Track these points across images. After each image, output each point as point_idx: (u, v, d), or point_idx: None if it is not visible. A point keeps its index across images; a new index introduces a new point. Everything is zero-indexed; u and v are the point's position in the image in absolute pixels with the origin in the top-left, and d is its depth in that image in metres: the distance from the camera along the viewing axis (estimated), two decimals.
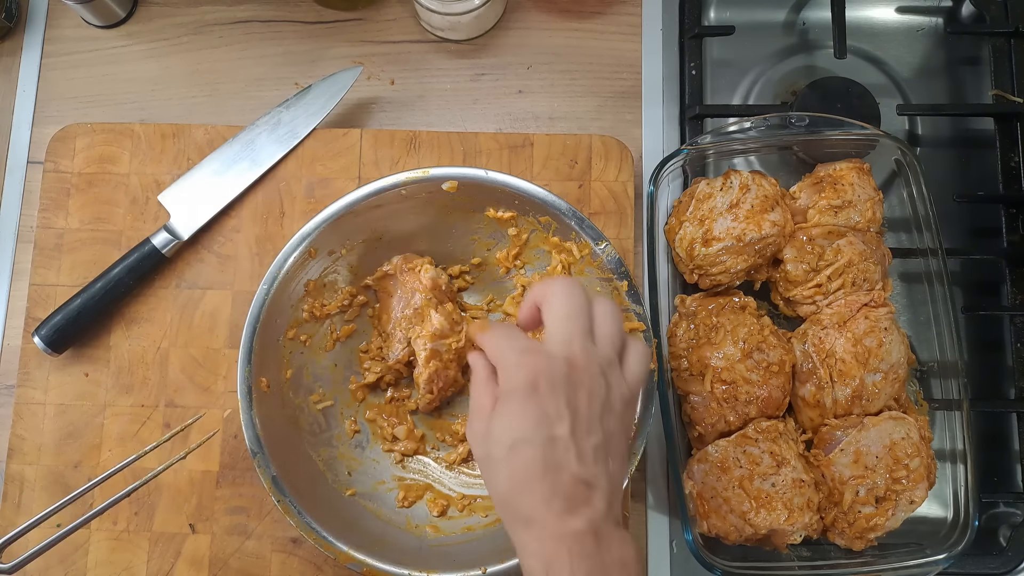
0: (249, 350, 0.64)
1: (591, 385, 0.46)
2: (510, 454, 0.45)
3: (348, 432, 0.70)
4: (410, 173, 0.66)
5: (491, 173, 0.66)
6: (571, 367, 0.46)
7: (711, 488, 0.63)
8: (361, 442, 0.70)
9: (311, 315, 0.68)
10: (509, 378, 0.46)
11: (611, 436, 0.46)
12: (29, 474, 0.69)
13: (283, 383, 0.67)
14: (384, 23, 0.80)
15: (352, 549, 0.62)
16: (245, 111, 0.78)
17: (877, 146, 0.71)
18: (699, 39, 0.78)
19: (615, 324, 0.49)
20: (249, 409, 0.63)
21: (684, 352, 0.67)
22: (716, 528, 0.63)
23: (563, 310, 0.48)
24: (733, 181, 0.68)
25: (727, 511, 0.62)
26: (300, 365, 0.68)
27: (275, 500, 0.62)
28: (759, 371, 0.65)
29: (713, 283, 0.68)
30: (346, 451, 0.69)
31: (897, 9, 0.82)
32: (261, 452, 0.63)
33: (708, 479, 0.63)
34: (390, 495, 0.68)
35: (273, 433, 0.64)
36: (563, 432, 0.45)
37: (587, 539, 0.44)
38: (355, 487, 0.67)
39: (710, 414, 0.65)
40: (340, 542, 0.62)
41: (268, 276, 0.65)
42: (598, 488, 0.45)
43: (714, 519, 0.63)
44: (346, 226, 0.67)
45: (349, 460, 0.69)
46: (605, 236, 0.65)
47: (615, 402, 0.47)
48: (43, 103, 0.79)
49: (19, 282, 0.75)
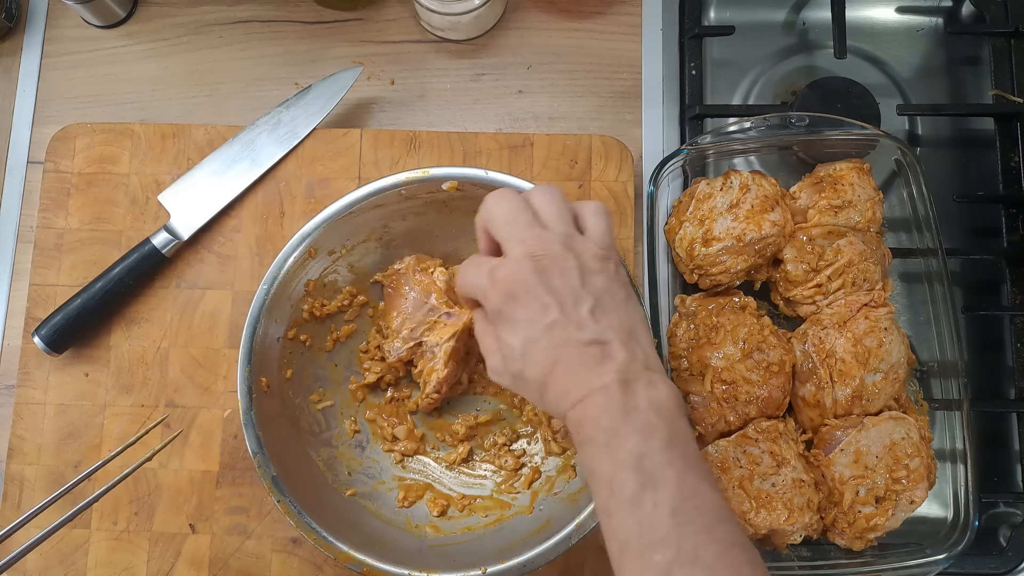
0: (249, 350, 0.64)
1: (559, 263, 0.49)
2: (524, 360, 0.49)
3: (348, 432, 0.70)
4: (410, 173, 0.66)
5: (491, 173, 0.66)
6: (533, 260, 0.49)
7: None
8: (361, 442, 0.70)
9: (311, 315, 0.68)
10: (489, 300, 0.50)
11: (601, 294, 0.49)
12: (29, 474, 0.70)
13: (283, 383, 0.67)
14: (384, 23, 0.80)
15: (352, 549, 0.62)
16: (245, 111, 0.78)
17: (877, 146, 0.71)
18: (699, 39, 0.78)
19: (556, 202, 0.52)
20: (249, 409, 0.63)
21: (684, 352, 0.67)
22: None
23: (502, 217, 0.51)
24: (733, 181, 0.68)
25: None
26: (300, 365, 0.68)
27: (275, 500, 0.62)
28: (759, 371, 0.65)
29: (713, 283, 0.68)
30: (346, 451, 0.69)
31: (897, 9, 0.82)
32: (261, 452, 0.63)
33: None
34: (390, 495, 0.68)
35: (273, 433, 0.64)
36: (555, 315, 0.48)
37: (612, 389, 0.46)
38: (355, 487, 0.67)
39: (710, 414, 0.65)
40: (340, 542, 0.62)
41: (268, 276, 0.65)
42: (611, 341, 0.48)
43: None
44: (346, 226, 0.67)
45: (349, 460, 0.69)
46: None
47: (590, 264, 0.50)
48: (43, 103, 0.79)
49: (19, 282, 0.75)
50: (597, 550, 0.68)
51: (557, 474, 0.68)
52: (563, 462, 0.68)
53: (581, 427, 0.47)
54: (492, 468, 0.70)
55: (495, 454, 0.70)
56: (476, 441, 0.71)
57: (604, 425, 0.46)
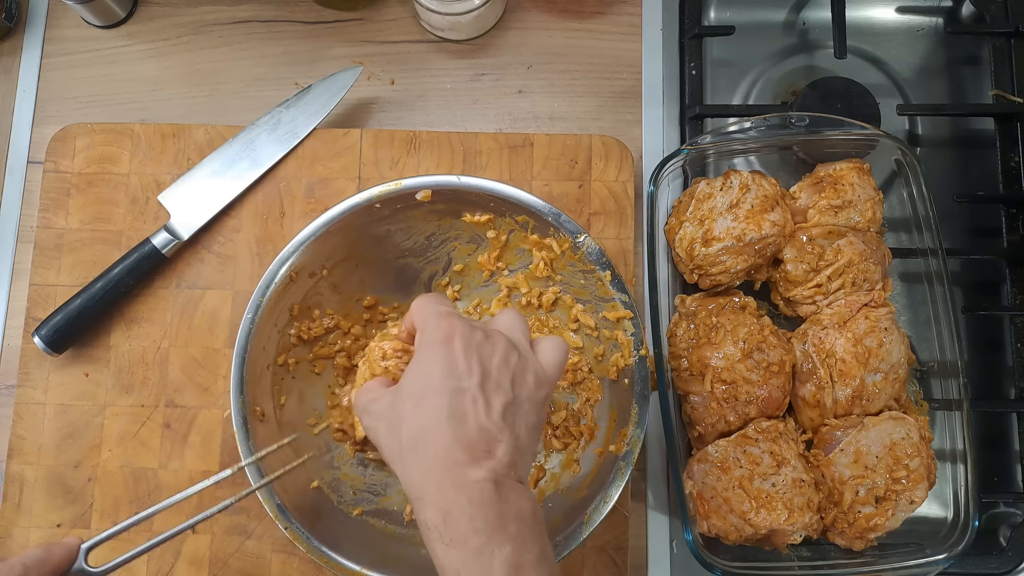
0: (240, 380, 0.63)
1: (504, 352, 0.47)
2: (417, 405, 0.46)
3: (349, 452, 0.69)
4: (383, 187, 0.65)
5: (463, 178, 0.65)
6: (487, 336, 0.48)
7: (711, 488, 0.63)
8: (363, 460, 0.69)
9: (299, 339, 0.68)
10: (427, 333, 0.48)
11: (520, 402, 0.47)
12: (29, 474, 0.69)
13: (278, 410, 0.66)
14: (384, 23, 0.80)
15: (367, 568, 0.61)
16: (245, 111, 0.78)
17: (877, 146, 0.71)
18: (699, 39, 0.78)
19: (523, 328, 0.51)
20: (246, 440, 0.63)
21: (684, 352, 0.67)
22: (716, 528, 0.63)
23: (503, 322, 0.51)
24: (733, 181, 0.68)
25: (727, 511, 0.62)
26: (293, 390, 0.68)
27: (282, 528, 0.61)
28: (759, 371, 0.65)
29: (713, 283, 0.68)
30: (349, 471, 0.69)
31: (897, 9, 0.82)
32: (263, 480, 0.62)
33: (708, 479, 0.63)
34: (397, 511, 0.68)
35: (274, 461, 0.63)
36: (471, 384, 0.46)
37: (487, 488, 0.44)
38: (361, 506, 0.67)
39: (710, 414, 0.65)
40: (353, 563, 0.61)
41: (251, 304, 0.64)
42: (502, 442, 0.45)
43: (714, 519, 0.63)
44: (324, 246, 0.66)
45: (353, 480, 0.68)
46: (583, 229, 0.65)
47: (527, 374, 0.48)
48: (43, 103, 0.79)
49: (19, 282, 0.75)
50: (597, 550, 0.68)
51: (561, 470, 0.68)
52: (566, 457, 0.68)
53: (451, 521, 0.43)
54: None
55: None
56: None
57: (478, 526, 0.43)
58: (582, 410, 0.68)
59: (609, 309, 0.66)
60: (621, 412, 0.65)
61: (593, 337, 0.69)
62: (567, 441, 0.68)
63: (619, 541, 0.68)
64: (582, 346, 0.70)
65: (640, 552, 0.70)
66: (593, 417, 0.68)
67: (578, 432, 0.68)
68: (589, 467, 0.65)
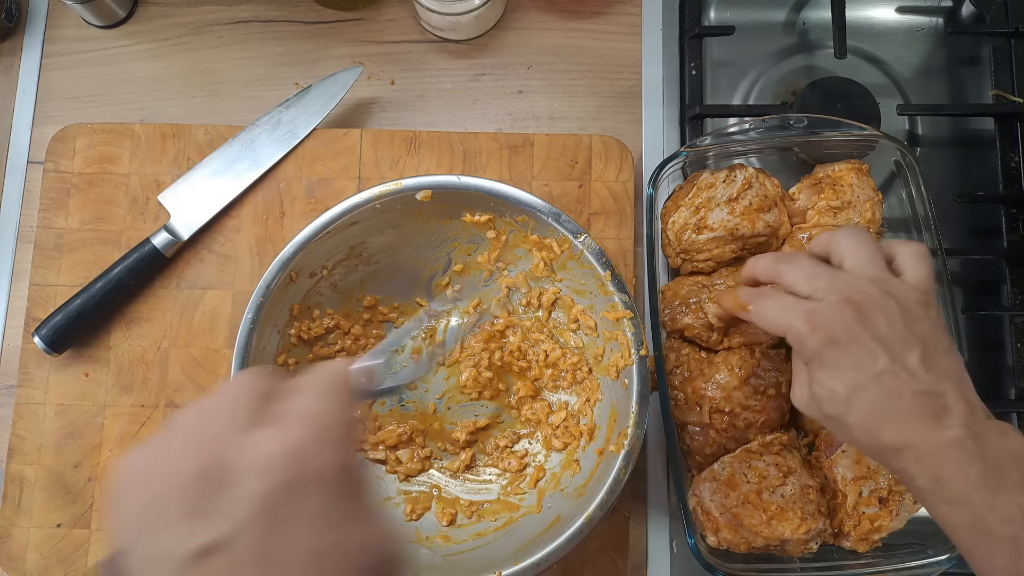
0: None
1: (881, 308, 0.47)
2: (848, 407, 0.47)
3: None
4: (383, 187, 0.65)
5: (463, 178, 0.65)
6: (852, 305, 0.47)
7: (720, 505, 0.62)
8: (364, 461, 0.69)
9: (299, 339, 0.68)
10: (806, 346, 0.48)
11: (928, 340, 0.47)
12: (29, 474, 0.69)
13: None
14: (384, 23, 0.80)
15: None
16: (245, 111, 0.78)
17: (876, 146, 0.71)
18: (699, 39, 0.78)
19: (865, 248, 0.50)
20: None
21: (678, 385, 0.67)
22: (727, 541, 0.62)
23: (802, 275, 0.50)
24: (737, 175, 0.68)
25: (737, 525, 0.62)
26: None
27: None
28: (757, 397, 0.64)
29: (694, 269, 0.68)
30: None
31: (897, 9, 0.82)
32: None
33: (716, 496, 0.62)
34: (397, 510, 0.67)
35: None
36: (884, 363, 0.46)
37: (967, 442, 0.44)
38: None
39: (709, 443, 0.65)
40: None
41: (251, 304, 0.64)
42: (946, 392, 0.46)
43: (724, 532, 0.62)
44: (324, 246, 0.66)
45: None
46: (583, 229, 0.65)
47: (912, 308, 0.48)
48: (43, 103, 0.79)
49: (19, 282, 0.75)
50: (597, 550, 0.68)
51: (562, 470, 0.68)
52: (566, 457, 0.68)
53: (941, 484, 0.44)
54: (496, 471, 0.69)
55: (498, 457, 0.70)
56: (478, 446, 0.70)
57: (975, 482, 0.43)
58: (582, 410, 0.68)
59: (609, 309, 0.66)
60: (621, 412, 0.65)
61: (593, 337, 0.69)
62: (567, 441, 0.68)
63: (619, 541, 0.68)
64: (582, 346, 0.70)
65: (640, 552, 0.70)
66: (593, 417, 0.68)
67: (578, 432, 0.68)
68: (589, 467, 0.65)
